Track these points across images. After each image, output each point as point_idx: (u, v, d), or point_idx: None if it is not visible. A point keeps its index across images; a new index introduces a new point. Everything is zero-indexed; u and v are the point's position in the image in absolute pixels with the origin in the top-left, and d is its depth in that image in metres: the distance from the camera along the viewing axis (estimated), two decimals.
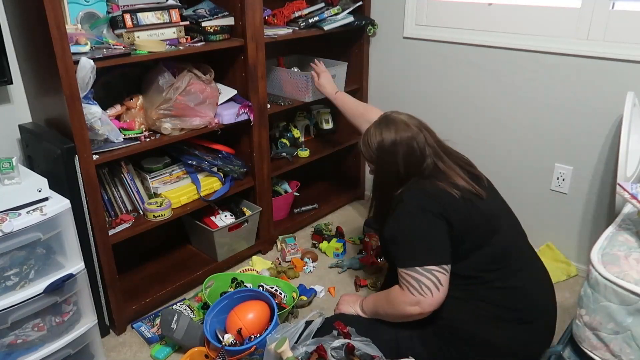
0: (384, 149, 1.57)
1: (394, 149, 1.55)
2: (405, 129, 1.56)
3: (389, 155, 1.57)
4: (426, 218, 1.46)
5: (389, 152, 1.56)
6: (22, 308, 1.46)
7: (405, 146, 1.55)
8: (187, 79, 1.88)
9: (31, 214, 1.44)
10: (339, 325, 1.58)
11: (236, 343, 1.64)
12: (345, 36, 2.58)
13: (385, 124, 1.60)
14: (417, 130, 1.57)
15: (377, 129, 1.61)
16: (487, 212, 1.51)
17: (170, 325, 1.76)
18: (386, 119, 1.62)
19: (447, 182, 1.51)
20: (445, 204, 1.46)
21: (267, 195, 2.36)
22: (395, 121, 1.59)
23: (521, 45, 2.14)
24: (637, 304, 1.18)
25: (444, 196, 1.48)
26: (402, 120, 1.59)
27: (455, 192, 1.48)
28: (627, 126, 1.70)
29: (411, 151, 1.55)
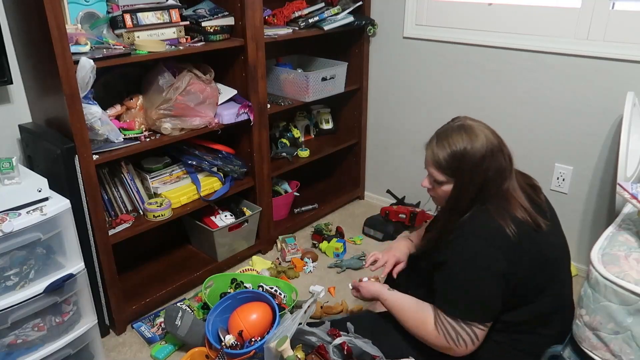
0: (473, 160, 1.33)
1: (483, 162, 1.33)
2: (492, 140, 1.35)
3: (475, 168, 1.33)
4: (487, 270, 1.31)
5: (476, 164, 1.33)
6: (22, 308, 1.46)
7: (495, 161, 1.34)
8: (187, 79, 1.88)
9: (31, 214, 1.44)
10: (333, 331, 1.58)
11: (237, 345, 1.64)
12: (345, 36, 2.58)
13: (469, 132, 1.35)
14: (499, 143, 1.36)
15: (459, 135, 1.35)
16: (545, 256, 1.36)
17: (175, 322, 1.77)
18: (467, 126, 1.37)
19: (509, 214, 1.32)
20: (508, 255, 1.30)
21: (267, 195, 2.36)
22: (476, 131, 1.35)
23: (521, 45, 2.14)
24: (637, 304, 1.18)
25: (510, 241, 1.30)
26: (482, 130, 1.36)
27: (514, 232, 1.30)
28: (627, 126, 1.70)
29: (500, 168, 1.34)
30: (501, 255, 1.30)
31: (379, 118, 2.76)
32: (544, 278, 1.37)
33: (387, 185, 2.82)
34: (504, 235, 1.30)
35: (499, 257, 1.30)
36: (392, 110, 2.69)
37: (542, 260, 1.36)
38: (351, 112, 2.80)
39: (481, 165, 1.34)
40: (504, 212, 1.33)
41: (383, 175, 2.87)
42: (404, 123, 2.66)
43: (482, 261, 1.31)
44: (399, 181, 2.79)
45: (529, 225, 1.33)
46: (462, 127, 1.37)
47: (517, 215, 1.33)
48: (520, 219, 1.33)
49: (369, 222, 2.61)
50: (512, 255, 1.30)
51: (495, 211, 1.33)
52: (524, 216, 1.34)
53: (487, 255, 1.31)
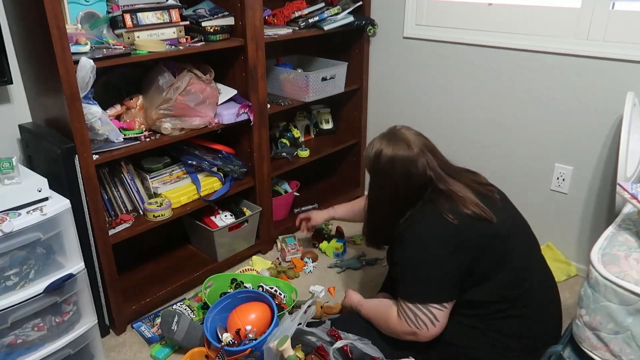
0: (380, 162, 1.50)
1: (390, 166, 1.48)
2: (406, 149, 1.47)
3: (383, 172, 1.51)
4: (435, 252, 1.41)
5: (384, 168, 1.50)
6: (22, 308, 1.46)
7: (401, 168, 1.47)
8: (187, 79, 1.88)
9: (31, 214, 1.44)
10: (333, 332, 1.59)
11: (234, 343, 1.64)
12: (345, 36, 2.58)
13: (389, 138, 1.52)
14: (419, 152, 1.48)
15: (380, 140, 1.54)
16: (498, 236, 1.43)
17: (171, 327, 1.76)
18: (392, 132, 1.54)
19: (456, 209, 1.42)
20: (455, 236, 1.40)
21: (267, 195, 2.36)
22: (398, 137, 1.51)
23: (521, 45, 2.14)
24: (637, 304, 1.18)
25: (453, 227, 1.40)
26: (406, 138, 1.50)
27: (465, 221, 1.40)
28: (627, 126, 1.70)
29: (407, 174, 1.47)
30: (446, 237, 1.40)
31: (379, 118, 2.76)
32: (496, 254, 1.43)
33: None
34: (446, 221, 1.41)
35: (445, 239, 1.41)
36: (392, 110, 2.69)
37: (490, 237, 1.42)
38: (351, 112, 2.80)
39: (388, 168, 1.49)
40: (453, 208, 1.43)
41: None
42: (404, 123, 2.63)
43: (429, 244, 1.43)
44: None
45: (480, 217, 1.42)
46: (384, 133, 1.56)
47: (467, 209, 1.42)
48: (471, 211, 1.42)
49: None
50: (458, 235, 1.40)
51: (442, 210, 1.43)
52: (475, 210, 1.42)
53: (433, 239, 1.42)
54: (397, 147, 1.48)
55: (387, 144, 1.50)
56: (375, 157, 1.51)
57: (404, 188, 1.49)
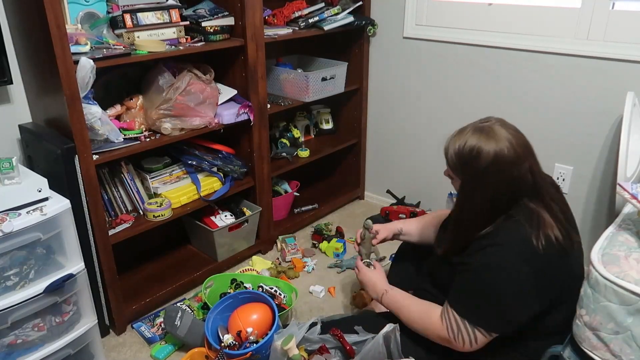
0: (478, 162, 1.28)
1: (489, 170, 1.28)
2: (508, 149, 1.27)
3: (481, 174, 1.29)
4: (512, 283, 1.27)
5: (483, 168, 1.28)
6: (22, 308, 1.46)
7: (503, 171, 1.28)
8: (187, 79, 1.88)
9: (31, 214, 1.44)
10: (334, 331, 1.58)
11: (235, 345, 1.64)
12: (345, 36, 2.58)
13: (486, 134, 1.29)
14: (523, 155, 1.29)
15: (474, 134, 1.30)
16: (570, 274, 1.34)
17: (174, 322, 1.77)
18: (488, 127, 1.31)
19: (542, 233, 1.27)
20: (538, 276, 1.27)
21: (267, 195, 2.36)
22: (497, 135, 1.29)
23: (521, 45, 2.14)
24: (637, 304, 1.18)
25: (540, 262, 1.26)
26: (506, 136, 1.29)
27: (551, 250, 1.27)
28: (627, 126, 1.70)
29: (511, 178, 1.28)
30: (529, 273, 1.27)
31: (379, 118, 2.76)
32: (565, 293, 1.35)
33: (387, 185, 2.82)
34: (535, 251, 1.26)
35: (527, 275, 1.27)
36: (392, 110, 2.69)
37: (569, 279, 1.34)
38: (351, 112, 2.80)
39: (485, 176, 1.29)
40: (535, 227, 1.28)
41: (383, 175, 2.87)
42: (404, 123, 2.66)
43: (508, 275, 1.28)
44: (399, 181, 2.79)
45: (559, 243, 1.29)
46: (483, 128, 1.31)
47: (548, 233, 1.28)
48: (552, 236, 1.28)
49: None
50: (540, 273, 1.27)
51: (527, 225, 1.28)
52: (556, 234, 1.28)
53: (515, 271, 1.27)
54: (500, 146, 1.28)
55: (487, 141, 1.28)
56: (473, 155, 1.29)
57: (504, 193, 1.30)
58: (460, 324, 1.34)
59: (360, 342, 1.55)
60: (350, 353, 1.54)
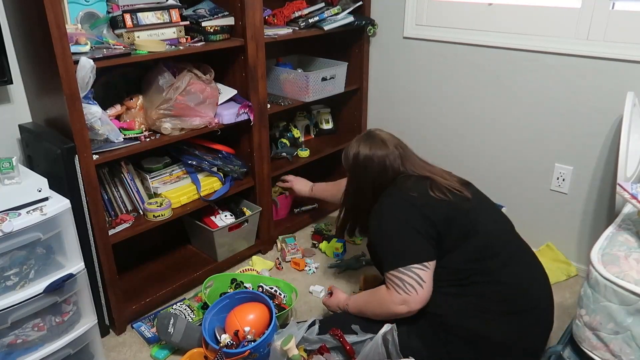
0: (358, 162, 1.68)
1: (367, 163, 1.66)
2: (382, 147, 1.66)
3: (362, 168, 1.68)
4: (403, 217, 1.54)
5: (362, 165, 1.67)
6: (22, 308, 1.46)
7: (377, 164, 1.65)
8: (187, 79, 1.88)
9: (31, 213, 1.44)
10: (334, 331, 1.59)
11: (232, 344, 1.64)
12: (345, 36, 2.58)
13: (365, 139, 1.70)
14: (394, 148, 1.66)
15: (356, 142, 1.71)
16: (467, 207, 1.57)
17: (167, 330, 1.75)
18: (367, 134, 1.72)
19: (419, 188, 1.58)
20: (422, 201, 1.54)
21: (267, 195, 2.36)
22: (374, 138, 1.69)
23: (521, 45, 2.14)
24: (637, 304, 1.18)
25: (420, 194, 1.55)
26: (381, 137, 1.69)
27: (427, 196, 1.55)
28: (627, 126, 1.70)
29: (383, 168, 1.65)
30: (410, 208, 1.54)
31: (379, 118, 2.76)
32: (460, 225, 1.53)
33: None
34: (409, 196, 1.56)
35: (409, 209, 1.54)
36: (392, 110, 2.69)
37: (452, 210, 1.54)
38: (351, 112, 2.80)
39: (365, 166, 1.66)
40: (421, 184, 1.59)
41: None
42: (404, 123, 2.66)
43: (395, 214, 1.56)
44: None
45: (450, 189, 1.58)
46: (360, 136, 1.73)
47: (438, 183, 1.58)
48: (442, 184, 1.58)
49: None
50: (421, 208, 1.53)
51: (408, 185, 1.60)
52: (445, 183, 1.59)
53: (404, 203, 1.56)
54: (373, 147, 1.67)
55: (364, 145, 1.68)
56: (354, 157, 1.69)
57: (380, 180, 1.65)
58: (399, 275, 1.51)
59: (359, 342, 1.55)
60: (350, 353, 1.54)
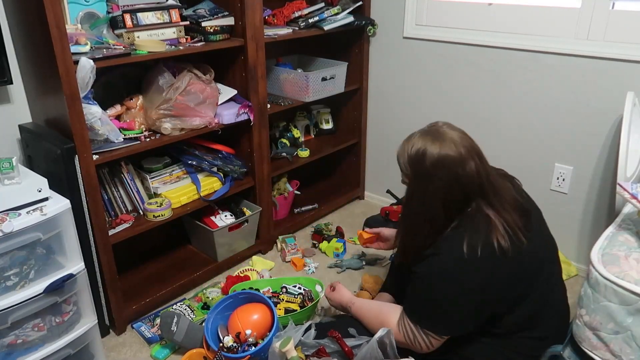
0: (424, 164, 1.33)
1: (437, 167, 1.32)
2: (454, 150, 1.31)
3: (427, 175, 1.33)
4: (458, 290, 1.33)
5: (428, 171, 1.33)
6: (22, 308, 1.46)
7: (448, 171, 1.31)
8: (187, 79, 1.88)
9: (31, 214, 1.44)
10: (332, 333, 1.58)
11: (234, 347, 1.64)
12: (345, 36, 2.58)
13: (432, 136, 1.34)
14: (468, 154, 1.32)
15: (421, 137, 1.35)
16: (525, 269, 1.36)
17: (170, 328, 1.75)
18: (435, 130, 1.36)
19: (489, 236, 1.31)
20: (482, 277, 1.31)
21: (267, 195, 2.36)
22: (444, 136, 1.33)
23: (521, 45, 2.14)
24: (637, 304, 1.18)
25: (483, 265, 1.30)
26: (451, 137, 1.33)
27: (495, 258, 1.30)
28: (627, 126, 1.70)
29: (456, 178, 1.31)
30: (469, 277, 1.31)
31: (379, 118, 2.76)
32: (522, 289, 1.38)
33: (387, 185, 2.82)
34: (474, 257, 1.30)
35: (466, 279, 1.32)
36: (392, 110, 2.69)
37: (520, 273, 1.36)
38: (351, 112, 2.80)
39: (431, 176, 1.33)
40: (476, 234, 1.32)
41: (383, 175, 2.86)
42: (404, 123, 2.66)
43: (450, 279, 1.33)
44: (399, 181, 2.77)
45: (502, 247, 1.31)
46: (430, 131, 1.37)
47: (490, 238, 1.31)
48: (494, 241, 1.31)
49: (369, 222, 2.60)
50: (481, 276, 1.31)
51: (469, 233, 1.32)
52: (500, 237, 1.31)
53: (453, 277, 1.33)
54: (444, 147, 1.32)
55: (432, 143, 1.33)
56: (419, 156, 1.33)
57: (451, 194, 1.33)
58: (414, 330, 1.41)
59: (356, 346, 1.55)
60: (349, 354, 1.54)
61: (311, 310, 1.91)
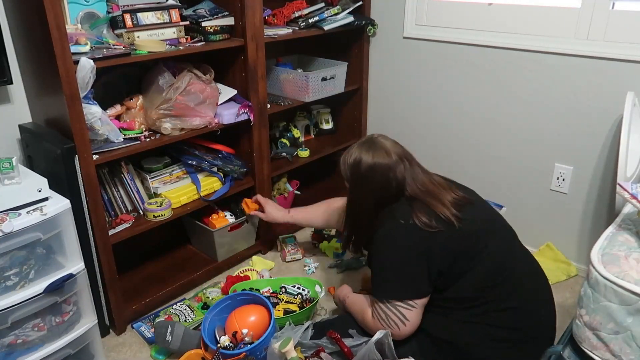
0: (360, 171, 1.54)
1: (369, 174, 1.52)
2: (385, 157, 1.52)
3: (363, 179, 1.54)
4: (402, 253, 1.47)
5: (363, 176, 1.54)
6: (22, 308, 1.46)
7: (380, 175, 1.51)
8: (187, 79, 1.88)
9: (31, 214, 1.44)
10: (331, 333, 1.58)
11: (231, 346, 1.64)
12: (345, 36, 2.58)
13: (367, 146, 1.56)
14: (398, 159, 1.52)
15: (357, 148, 1.57)
16: (472, 233, 1.48)
17: (166, 338, 1.74)
18: (370, 141, 1.58)
19: (428, 213, 1.46)
20: (425, 233, 1.43)
21: (267, 195, 2.36)
22: (377, 145, 1.55)
23: (521, 45, 2.14)
24: (637, 304, 1.18)
25: (424, 223, 1.44)
26: (384, 146, 1.55)
27: (436, 224, 1.44)
28: (627, 126, 1.70)
29: (386, 182, 1.51)
30: (411, 241, 1.45)
31: (379, 118, 2.76)
32: (466, 253, 1.45)
33: None
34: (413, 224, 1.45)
35: (409, 243, 1.45)
36: (392, 110, 2.69)
37: (458, 240, 1.46)
38: (351, 112, 2.80)
39: (367, 176, 1.53)
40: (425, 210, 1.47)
41: None
42: (404, 123, 2.66)
43: (393, 244, 1.48)
44: None
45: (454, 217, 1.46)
46: (361, 142, 1.59)
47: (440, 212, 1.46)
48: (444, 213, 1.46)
49: None
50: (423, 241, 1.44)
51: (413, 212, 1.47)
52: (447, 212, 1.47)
53: (398, 239, 1.47)
54: (376, 155, 1.52)
55: (367, 152, 1.54)
56: (354, 165, 1.55)
57: (382, 194, 1.53)
58: (384, 309, 1.49)
59: (355, 346, 1.55)
60: (348, 355, 1.54)
61: (310, 311, 1.91)
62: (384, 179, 1.51)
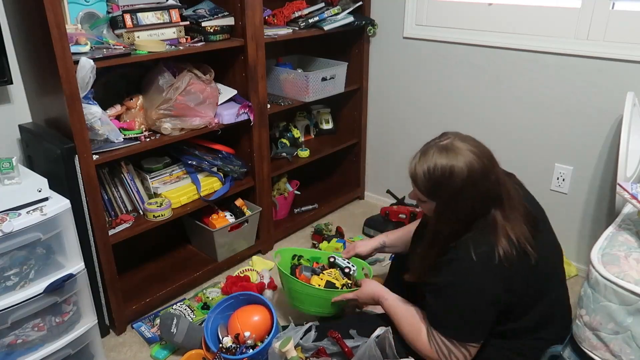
0: (453, 181, 1.27)
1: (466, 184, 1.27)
2: (477, 162, 1.28)
3: (458, 190, 1.27)
4: (474, 299, 1.31)
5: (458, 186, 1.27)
6: (22, 308, 1.46)
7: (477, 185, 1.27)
8: (187, 79, 1.88)
9: (31, 214, 1.44)
10: (332, 333, 1.58)
11: (232, 348, 1.64)
12: (345, 36, 2.58)
13: (452, 151, 1.29)
14: (490, 164, 1.31)
15: (440, 153, 1.29)
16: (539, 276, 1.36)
17: (170, 329, 1.75)
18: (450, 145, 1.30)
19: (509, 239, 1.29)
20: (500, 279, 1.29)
21: (267, 195, 2.36)
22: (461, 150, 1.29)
23: (521, 45, 2.14)
24: (637, 304, 1.18)
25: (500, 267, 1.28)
26: (470, 149, 1.29)
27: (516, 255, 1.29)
28: (627, 126, 1.70)
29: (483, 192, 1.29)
30: (495, 280, 1.30)
31: (379, 118, 2.76)
32: (535, 293, 1.38)
33: (387, 185, 2.82)
34: (497, 261, 1.28)
35: (494, 282, 1.30)
36: (392, 111, 2.69)
37: (533, 278, 1.36)
38: (351, 112, 2.80)
39: (461, 194, 1.28)
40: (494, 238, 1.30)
41: (383, 175, 2.87)
42: (404, 123, 2.66)
43: (477, 285, 1.30)
44: (399, 181, 2.79)
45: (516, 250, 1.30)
46: (446, 147, 1.30)
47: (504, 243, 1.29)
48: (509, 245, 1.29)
49: (369, 222, 2.61)
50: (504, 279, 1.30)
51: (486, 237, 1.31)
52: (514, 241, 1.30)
53: (481, 280, 1.30)
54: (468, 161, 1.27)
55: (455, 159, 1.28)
56: (447, 175, 1.27)
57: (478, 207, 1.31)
58: (449, 345, 1.35)
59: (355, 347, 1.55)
60: (349, 355, 1.54)
61: None
62: (480, 189, 1.29)
